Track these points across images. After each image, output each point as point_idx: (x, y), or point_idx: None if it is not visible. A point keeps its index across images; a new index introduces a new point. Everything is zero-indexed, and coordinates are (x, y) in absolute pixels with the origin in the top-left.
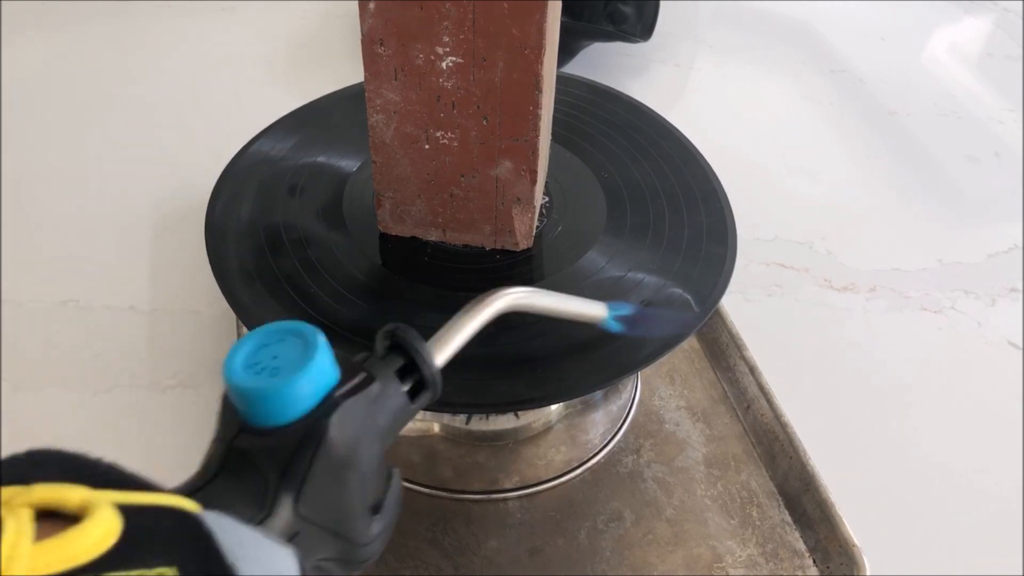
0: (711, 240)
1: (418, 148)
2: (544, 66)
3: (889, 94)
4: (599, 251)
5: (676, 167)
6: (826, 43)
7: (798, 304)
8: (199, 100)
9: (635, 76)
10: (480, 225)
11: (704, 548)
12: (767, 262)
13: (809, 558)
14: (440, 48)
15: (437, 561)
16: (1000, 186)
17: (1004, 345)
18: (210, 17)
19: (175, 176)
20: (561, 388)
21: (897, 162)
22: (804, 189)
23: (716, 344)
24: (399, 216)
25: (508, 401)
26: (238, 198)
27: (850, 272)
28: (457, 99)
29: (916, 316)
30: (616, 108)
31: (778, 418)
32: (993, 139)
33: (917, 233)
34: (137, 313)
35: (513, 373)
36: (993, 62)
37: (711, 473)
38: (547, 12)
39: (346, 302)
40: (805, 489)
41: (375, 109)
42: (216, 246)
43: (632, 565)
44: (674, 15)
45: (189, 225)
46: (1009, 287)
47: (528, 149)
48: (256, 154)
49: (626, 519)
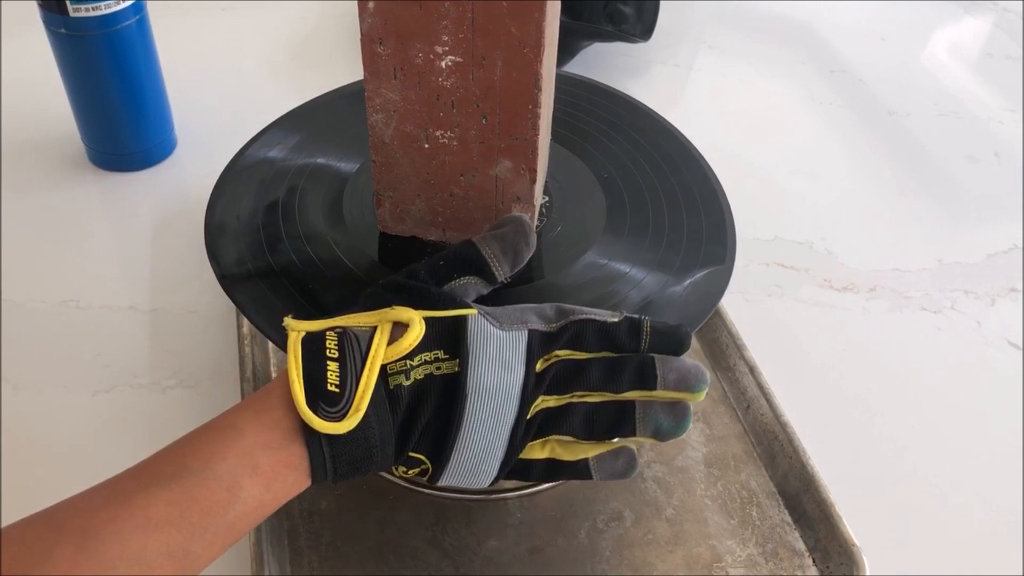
0: (711, 240)
1: (418, 147)
2: (543, 65)
3: (889, 94)
4: (599, 251)
5: (676, 167)
6: (826, 43)
7: (798, 304)
8: (199, 99)
9: (635, 76)
10: (480, 224)
11: (704, 548)
12: (767, 262)
13: (809, 558)
14: (439, 47)
15: (437, 561)
16: (1000, 186)
17: (1004, 345)
18: (210, 17)
19: (175, 176)
20: None
21: (897, 162)
22: (804, 189)
23: (716, 344)
24: (399, 215)
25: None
26: (238, 197)
27: (850, 272)
28: (456, 98)
29: (916, 316)
30: (616, 108)
31: (778, 418)
32: (993, 139)
33: (917, 233)
34: (137, 313)
35: None
36: (993, 62)
37: (711, 473)
38: (546, 11)
39: (347, 301)
40: (805, 489)
41: (375, 108)
42: (216, 245)
43: (632, 565)
44: (674, 15)
45: (189, 225)
46: (1009, 287)
47: (528, 148)
48: (256, 153)
49: (626, 519)
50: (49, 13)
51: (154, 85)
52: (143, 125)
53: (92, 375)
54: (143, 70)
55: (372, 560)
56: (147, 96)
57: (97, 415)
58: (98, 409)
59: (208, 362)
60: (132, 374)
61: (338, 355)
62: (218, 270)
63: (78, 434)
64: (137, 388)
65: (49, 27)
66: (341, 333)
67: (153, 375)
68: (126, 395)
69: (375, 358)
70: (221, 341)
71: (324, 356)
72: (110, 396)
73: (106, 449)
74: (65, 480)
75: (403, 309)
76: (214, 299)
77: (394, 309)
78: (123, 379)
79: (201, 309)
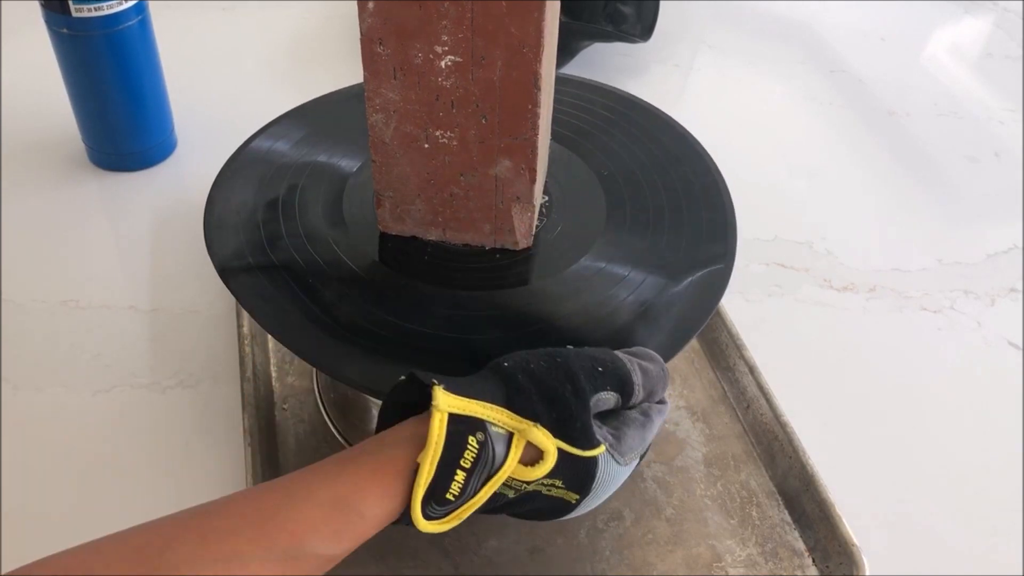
0: (711, 239)
1: (418, 147)
2: (543, 65)
3: (889, 94)
4: (599, 250)
5: (676, 163)
6: (826, 43)
7: (798, 304)
8: (199, 99)
9: (635, 76)
10: (480, 224)
11: (704, 547)
12: (767, 262)
13: (808, 557)
14: (439, 47)
15: (437, 561)
16: (1000, 186)
17: (1004, 345)
18: (210, 17)
19: (175, 176)
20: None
21: (897, 162)
22: (804, 189)
23: (716, 344)
24: (399, 215)
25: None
26: (237, 195)
27: (850, 272)
28: (456, 98)
29: (916, 316)
30: (616, 106)
31: (777, 418)
32: (993, 139)
33: (917, 233)
34: (137, 313)
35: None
36: (993, 62)
37: (711, 473)
38: (546, 11)
39: (347, 300)
40: (804, 489)
41: (374, 108)
42: (216, 242)
43: (632, 564)
44: (674, 15)
45: (189, 225)
46: (1009, 287)
47: (527, 148)
48: (255, 151)
49: (626, 518)
50: (51, 13)
51: (155, 85)
52: (143, 125)
53: (92, 375)
54: (144, 70)
55: (372, 560)
56: (148, 96)
57: (97, 415)
58: (98, 409)
59: (208, 362)
60: (132, 374)
61: (470, 468)
62: (218, 265)
63: (78, 434)
64: (137, 388)
65: (51, 27)
66: (482, 444)
67: (153, 375)
68: (126, 395)
69: (499, 479)
70: (221, 341)
71: (458, 464)
72: (110, 396)
73: (106, 449)
74: (65, 480)
75: (544, 435)
76: (214, 299)
77: (536, 430)
78: (123, 379)
79: (201, 309)
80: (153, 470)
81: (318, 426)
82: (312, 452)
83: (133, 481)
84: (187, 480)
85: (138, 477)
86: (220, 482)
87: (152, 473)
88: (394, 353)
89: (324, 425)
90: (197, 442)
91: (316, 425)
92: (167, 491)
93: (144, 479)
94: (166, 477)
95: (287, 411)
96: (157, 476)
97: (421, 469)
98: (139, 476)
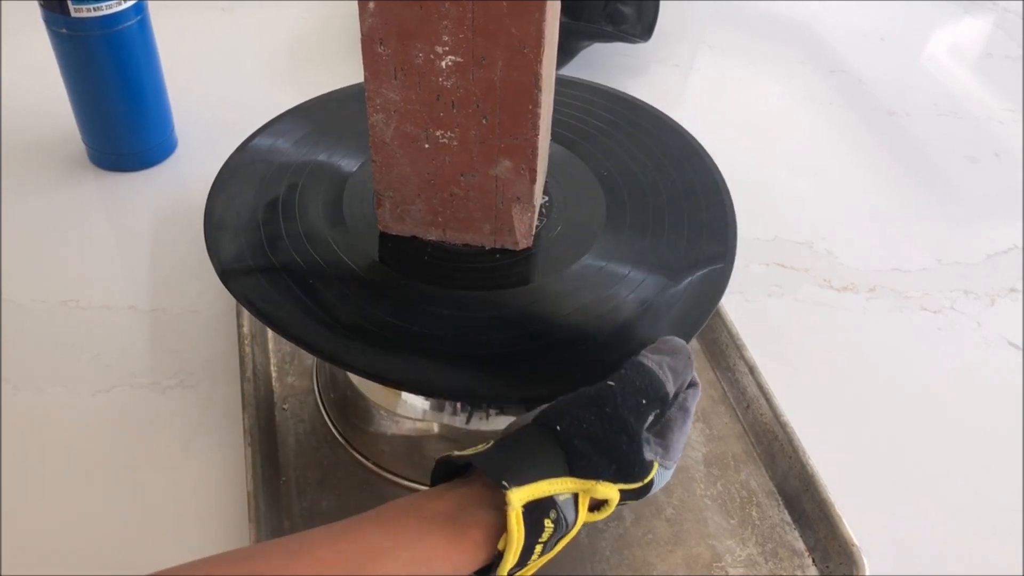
0: (711, 239)
1: (418, 147)
2: (543, 65)
3: (889, 94)
4: (599, 250)
5: (676, 163)
6: (826, 43)
7: (798, 304)
8: (199, 99)
9: (635, 76)
10: (480, 224)
11: (703, 547)
12: (767, 262)
13: (808, 557)
14: (440, 47)
15: None
16: (1000, 186)
17: (1004, 345)
18: (209, 17)
19: (175, 176)
20: (564, 384)
21: (897, 162)
22: (804, 189)
23: (716, 344)
24: (399, 216)
25: (517, 398)
26: (237, 195)
27: (850, 272)
28: (457, 98)
29: (916, 316)
30: (615, 107)
31: (777, 418)
32: (993, 139)
33: (917, 233)
34: (137, 313)
35: (510, 370)
36: (993, 62)
37: (711, 473)
38: (546, 11)
39: (347, 300)
40: (804, 489)
41: (375, 108)
42: (216, 241)
43: (632, 564)
44: (674, 15)
45: (189, 225)
46: (1009, 287)
47: (527, 148)
48: (255, 151)
49: (625, 518)
50: (51, 13)
51: (155, 85)
52: (143, 125)
53: (92, 375)
54: (144, 70)
55: None
56: (147, 96)
57: (97, 415)
58: (98, 409)
59: (208, 362)
60: (132, 374)
61: (547, 540)
62: (218, 265)
63: (78, 434)
64: (137, 388)
65: (50, 27)
66: (556, 521)
67: (153, 375)
68: (126, 395)
69: (571, 535)
70: (221, 341)
71: (538, 539)
72: (110, 396)
73: (106, 449)
74: (65, 480)
75: (607, 487)
76: (214, 299)
77: (601, 486)
78: (123, 379)
79: (201, 309)
80: (153, 470)
81: (318, 426)
82: (312, 452)
83: (133, 481)
84: (187, 480)
85: (138, 477)
86: (220, 482)
87: (152, 473)
88: (394, 353)
89: (324, 425)
90: (197, 442)
91: (316, 425)
92: (167, 491)
93: (144, 479)
94: (166, 477)
95: (287, 411)
96: (157, 476)
97: (506, 557)
98: (139, 476)
